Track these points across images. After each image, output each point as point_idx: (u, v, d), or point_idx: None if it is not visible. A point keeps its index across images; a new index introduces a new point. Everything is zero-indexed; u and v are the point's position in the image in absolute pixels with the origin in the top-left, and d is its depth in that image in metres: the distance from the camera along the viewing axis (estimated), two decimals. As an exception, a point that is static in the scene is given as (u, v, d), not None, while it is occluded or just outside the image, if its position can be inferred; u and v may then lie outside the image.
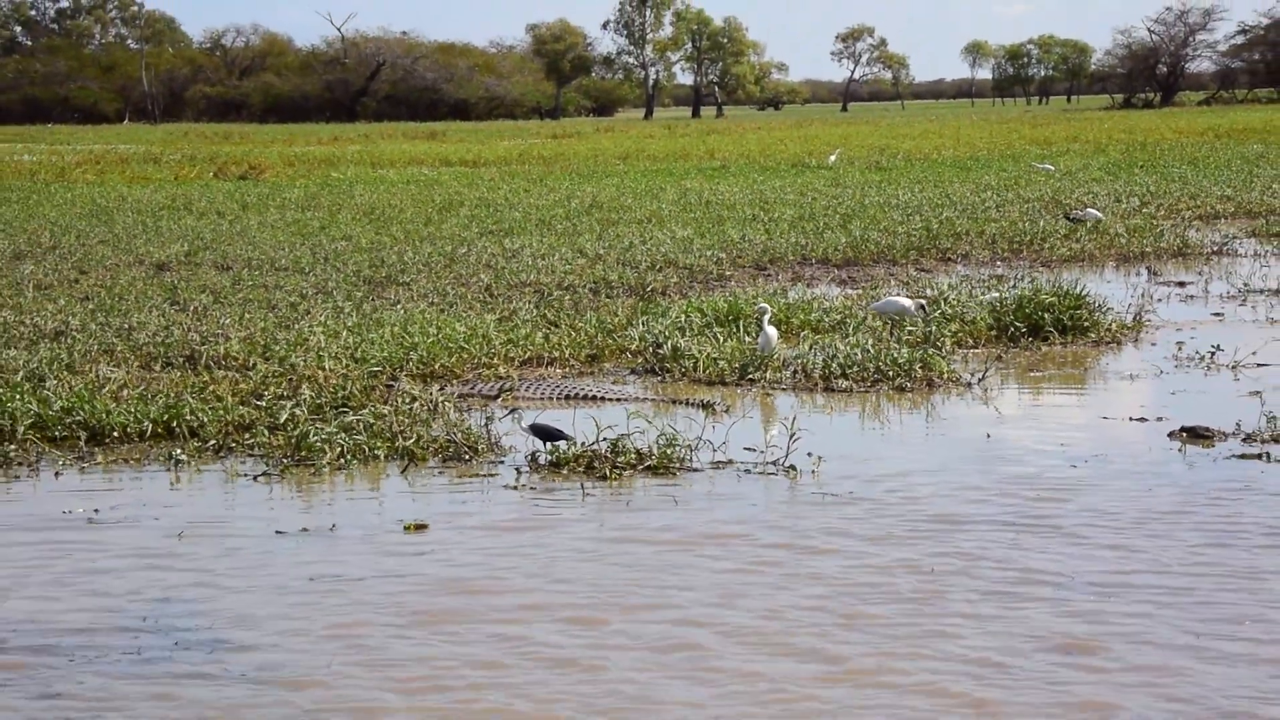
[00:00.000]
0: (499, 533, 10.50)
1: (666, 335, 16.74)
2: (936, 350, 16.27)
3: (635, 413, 13.27)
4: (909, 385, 15.10)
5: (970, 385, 15.22)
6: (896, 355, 15.59)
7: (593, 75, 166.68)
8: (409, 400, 13.84)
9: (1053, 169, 42.58)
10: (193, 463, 12.45)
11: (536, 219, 30.90)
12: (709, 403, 14.46)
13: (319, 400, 13.71)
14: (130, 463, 12.56)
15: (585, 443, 12.30)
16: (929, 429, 13.69)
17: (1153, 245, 25.82)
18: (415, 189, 40.71)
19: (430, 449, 12.53)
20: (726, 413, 14.09)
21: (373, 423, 12.95)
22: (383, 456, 12.42)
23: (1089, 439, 12.95)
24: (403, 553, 10.04)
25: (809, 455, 12.15)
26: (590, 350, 16.71)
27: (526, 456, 12.43)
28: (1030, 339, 17.37)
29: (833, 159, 50.90)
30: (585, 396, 14.75)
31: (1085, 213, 28.96)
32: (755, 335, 16.27)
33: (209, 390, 14.22)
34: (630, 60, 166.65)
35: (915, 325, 17.33)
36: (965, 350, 16.97)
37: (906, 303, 17.63)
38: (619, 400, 14.65)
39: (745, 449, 12.54)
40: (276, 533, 10.52)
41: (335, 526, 10.62)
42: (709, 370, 15.71)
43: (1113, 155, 50.23)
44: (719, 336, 16.93)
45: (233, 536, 10.44)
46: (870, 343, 16.31)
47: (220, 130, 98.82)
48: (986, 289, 20.04)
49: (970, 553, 9.76)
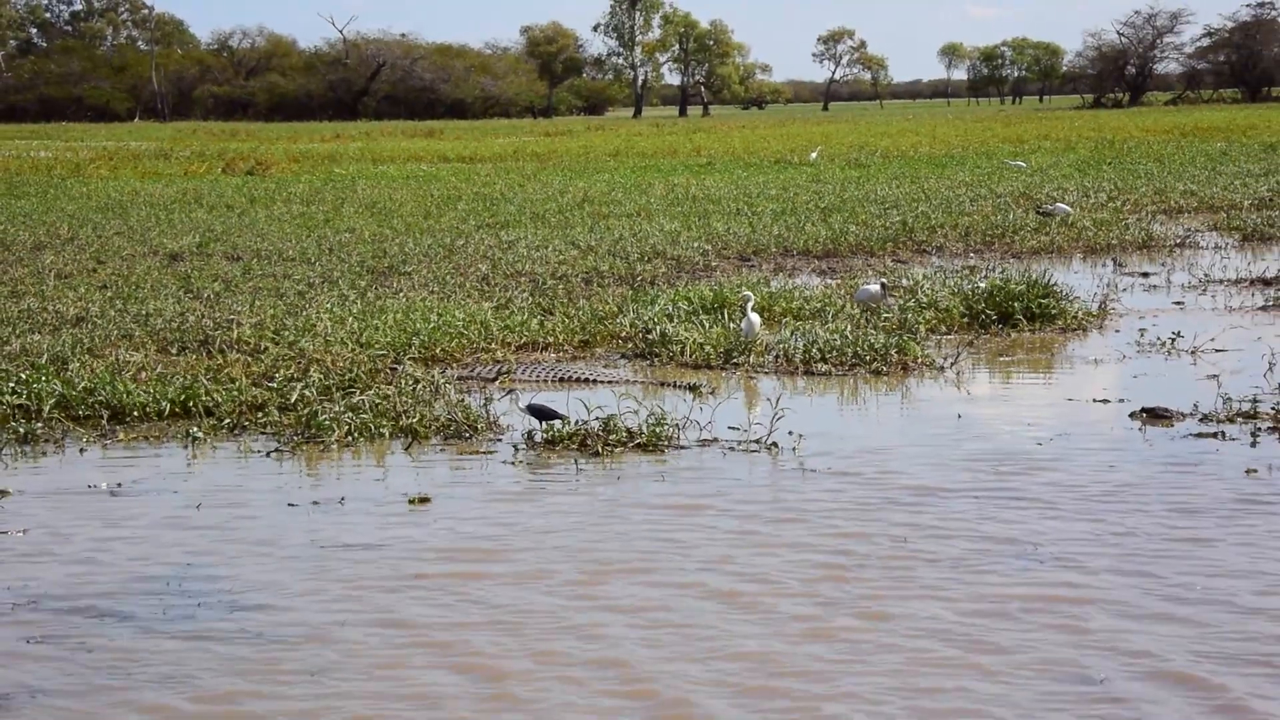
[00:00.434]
0: (498, 504, 10.72)
1: (655, 322, 16.94)
2: (911, 336, 16.49)
3: (625, 394, 13.50)
4: (885, 369, 15.30)
5: (943, 369, 15.43)
6: (873, 341, 15.81)
7: (584, 75, 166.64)
8: (412, 382, 14.03)
9: (1024, 166, 42.69)
10: (209, 440, 12.65)
11: (531, 213, 31.00)
12: (695, 385, 14.65)
13: (327, 382, 13.92)
14: (150, 440, 12.75)
15: (579, 422, 12.51)
16: (904, 410, 13.89)
17: (1118, 238, 26.00)
18: (415, 184, 40.76)
19: (432, 427, 12.72)
20: (712, 394, 14.26)
21: (378, 403, 13.14)
22: (388, 434, 12.61)
23: (1054, 419, 13.16)
24: (407, 523, 10.25)
25: (790, 434, 12.36)
26: (583, 336, 16.88)
27: (523, 434, 12.63)
28: (1001, 326, 17.57)
29: (814, 156, 50.99)
30: (578, 379, 14.94)
31: (1055, 207, 29.18)
32: (739, 322, 16.47)
33: (223, 372, 14.43)
34: (620, 61, 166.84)
35: (890, 310, 17.57)
36: (939, 336, 17.16)
37: (875, 288, 17.92)
38: (610, 383, 14.83)
39: (730, 428, 12.73)
40: (289, 505, 10.72)
41: (344, 499, 10.82)
42: (695, 355, 15.89)
43: (1082, 153, 50.33)
44: (705, 323, 17.11)
45: (248, 508, 10.64)
46: (848, 329, 16.53)
47: (227, 128, 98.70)
48: (959, 279, 20.20)
49: (940, 521, 9.99)
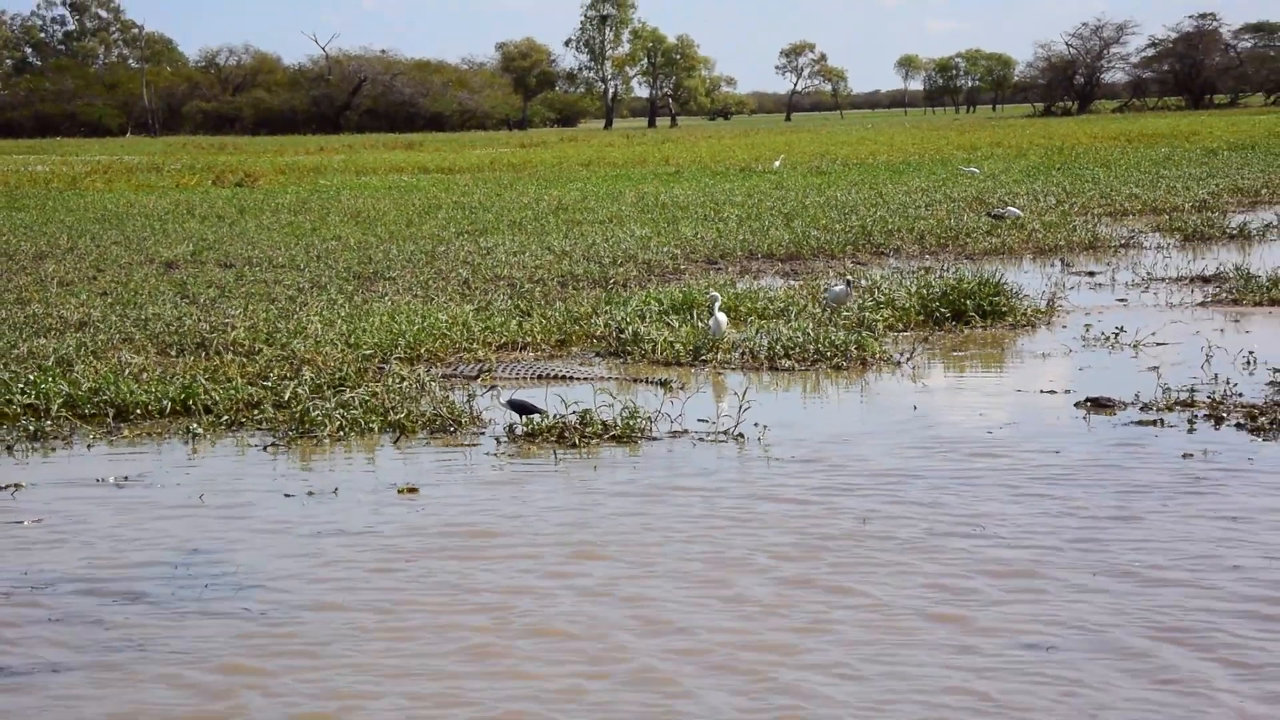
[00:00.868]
0: (482, 490, 10.93)
1: (628, 322, 17.15)
2: (870, 333, 16.75)
3: (601, 390, 13.73)
4: (845, 364, 15.52)
5: (900, 364, 15.66)
6: (834, 338, 16.05)
7: (557, 89, 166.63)
8: (399, 380, 14.21)
9: (978, 171, 42.96)
10: (208, 436, 12.81)
11: (508, 220, 31.14)
12: (666, 381, 14.85)
13: (318, 381, 14.09)
14: (153, 436, 12.91)
15: (557, 416, 12.72)
16: (862, 402, 14.13)
17: (1066, 239, 26.26)
18: (396, 194, 40.83)
19: (419, 422, 12.89)
20: (682, 389, 14.45)
21: (367, 400, 13.32)
22: (377, 429, 12.79)
23: (1004, 409, 13.41)
24: (398, 509, 10.46)
25: (756, 425, 12.58)
26: (559, 336, 17.06)
27: (505, 428, 12.84)
28: (954, 323, 17.82)
29: (777, 164, 51.23)
30: (556, 376, 15.13)
31: (1006, 210, 29.49)
32: (707, 321, 16.68)
33: (220, 372, 14.60)
34: (591, 75, 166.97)
35: (849, 309, 17.84)
36: (896, 333, 17.41)
37: (842, 288, 18.20)
38: (586, 379, 15.03)
39: (699, 420, 12.95)
40: (285, 495, 10.91)
41: (337, 490, 11.01)
42: (666, 352, 16.08)
43: (1032, 159, 50.65)
44: (675, 323, 17.32)
45: (247, 499, 10.83)
46: (810, 327, 16.77)
47: (216, 142, 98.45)
48: (915, 279, 20.42)
49: (896, 504, 10.23)
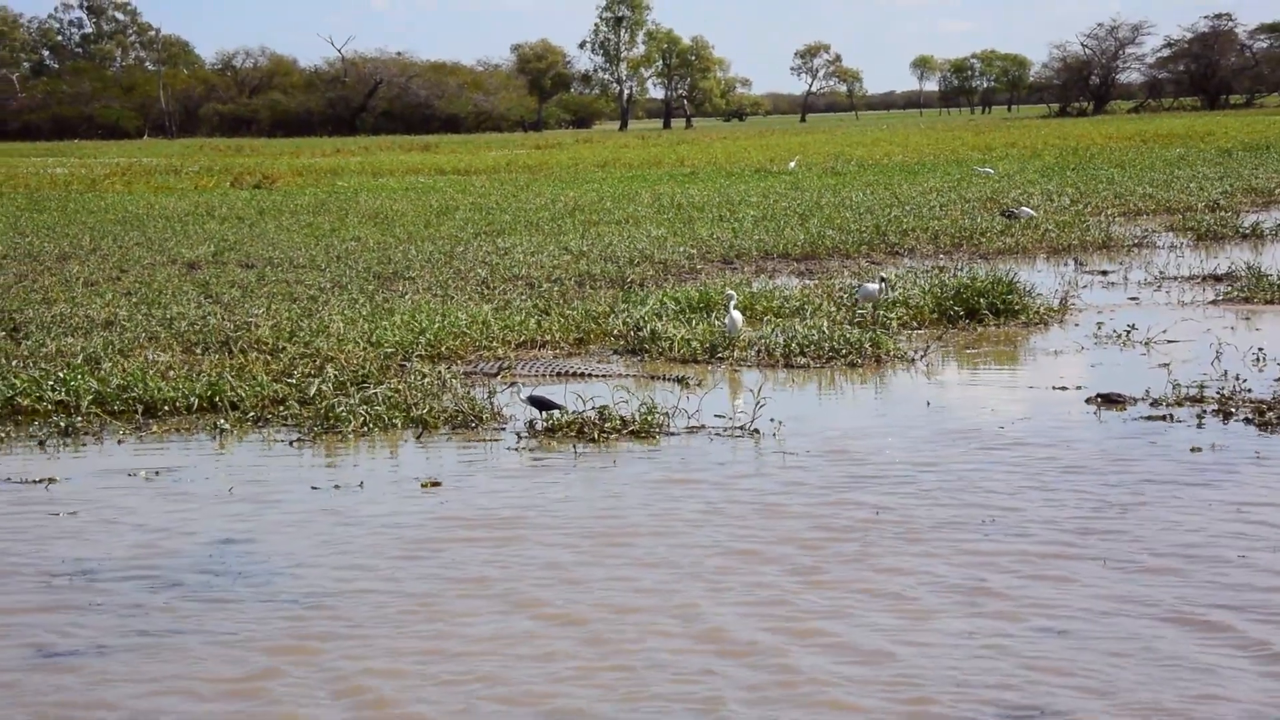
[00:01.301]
0: (504, 482, 11.18)
1: (645, 320, 17.37)
2: (884, 331, 16.97)
3: (618, 387, 13.96)
4: (860, 361, 15.73)
5: (914, 361, 15.87)
6: (849, 335, 16.26)
7: (572, 91, 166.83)
8: (420, 377, 14.46)
9: (992, 172, 43.08)
10: (235, 431, 13.08)
11: (525, 221, 31.36)
12: (683, 378, 15.07)
13: (342, 378, 14.34)
14: (181, 432, 13.18)
15: (576, 412, 12.95)
16: (876, 399, 14.34)
17: (1079, 239, 26.44)
18: (414, 195, 41.05)
19: (441, 418, 13.13)
20: (699, 386, 14.66)
21: (390, 396, 13.57)
22: (400, 425, 13.04)
23: (1017, 405, 13.62)
24: (422, 501, 10.71)
25: (771, 421, 12.80)
26: (578, 334, 17.28)
27: (525, 424, 13.08)
28: (968, 321, 18.03)
29: (792, 165, 51.38)
30: (574, 374, 15.35)
31: (1020, 210, 29.65)
32: (723, 319, 16.89)
33: (245, 370, 14.85)
34: (606, 77, 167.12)
35: (866, 308, 18.04)
36: (910, 331, 17.61)
37: (873, 286, 18.43)
38: (604, 376, 15.24)
39: (716, 416, 13.16)
40: (312, 488, 11.16)
41: (363, 483, 11.26)
42: (683, 350, 16.29)
43: (1047, 159, 50.73)
44: (691, 321, 17.55)
45: (275, 492, 11.08)
46: (825, 325, 16.97)
47: (232, 144, 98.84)
48: (930, 278, 20.60)
49: (910, 496, 10.45)
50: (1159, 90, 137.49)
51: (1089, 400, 13.63)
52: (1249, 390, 13.56)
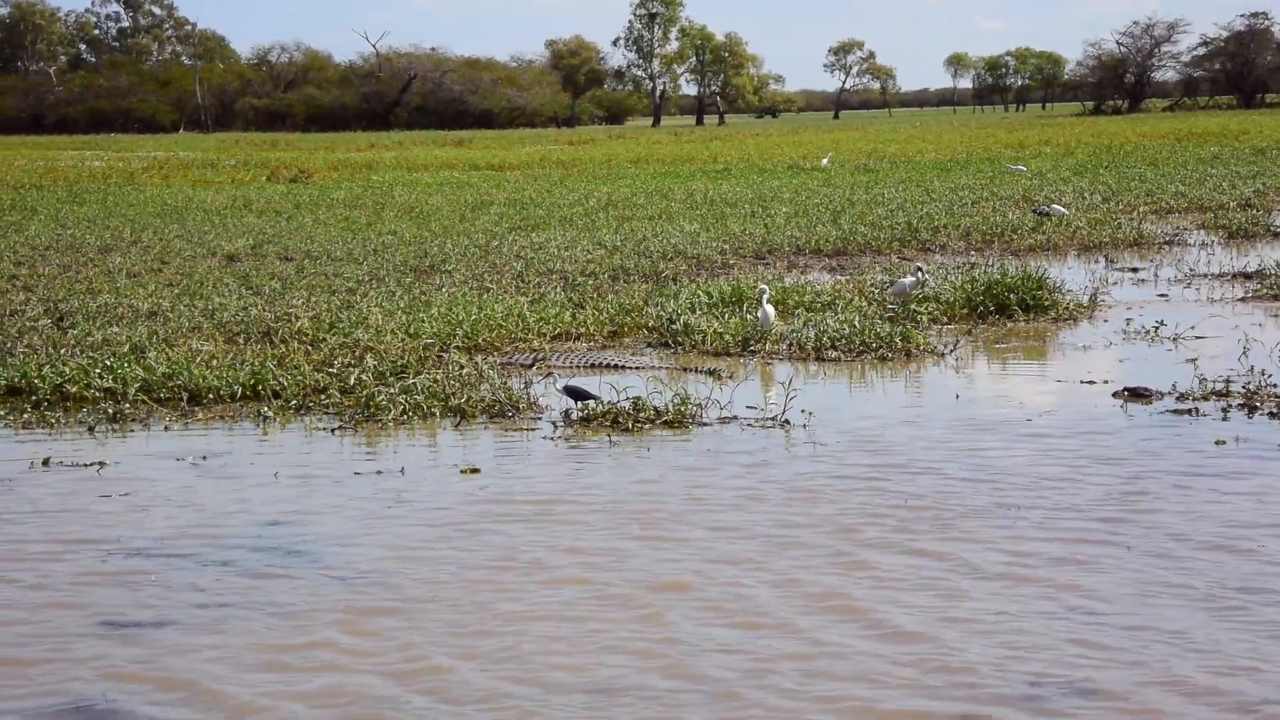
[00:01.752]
0: (541, 469, 11.49)
1: (678, 314, 17.62)
2: (914, 325, 17.20)
3: (652, 378, 14.25)
4: (890, 355, 15.96)
5: (943, 355, 16.10)
6: (879, 329, 16.49)
7: (605, 87, 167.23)
8: (458, 368, 14.77)
9: (1024, 170, 43.14)
10: (278, 419, 13.40)
11: (559, 216, 31.62)
12: (714, 370, 15.32)
13: (381, 368, 14.65)
14: (225, 419, 13.51)
15: (610, 402, 13.23)
16: (906, 391, 14.58)
17: (1111, 236, 26.59)
18: (448, 190, 41.37)
19: (478, 408, 13.42)
20: (730, 378, 14.93)
21: (429, 386, 13.88)
22: (438, 414, 13.33)
23: (1044, 398, 13.84)
24: (463, 485, 11.03)
25: (802, 412, 13.06)
26: (611, 327, 17.56)
27: (561, 413, 13.37)
28: (997, 316, 18.24)
29: (825, 162, 51.52)
30: (608, 365, 15.62)
31: (1051, 208, 29.79)
32: (755, 313, 17.15)
33: (287, 360, 15.18)
34: (639, 73, 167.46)
35: (898, 301, 18.28)
36: (940, 326, 17.83)
37: (909, 279, 18.71)
38: (637, 368, 15.50)
39: (748, 407, 13.44)
40: (354, 474, 11.48)
41: (404, 469, 11.57)
42: (715, 343, 16.55)
43: (1080, 157, 50.75)
44: (724, 315, 17.81)
45: (318, 477, 11.40)
46: (856, 319, 17.21)
47: (268, 138, 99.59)
48: (961, 274, 20.80)
49: (937, 489, 10.69)
50: (1194, 89, 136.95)
51: (1116, 394, 13.84)
52: (1275, 385, 13.74)
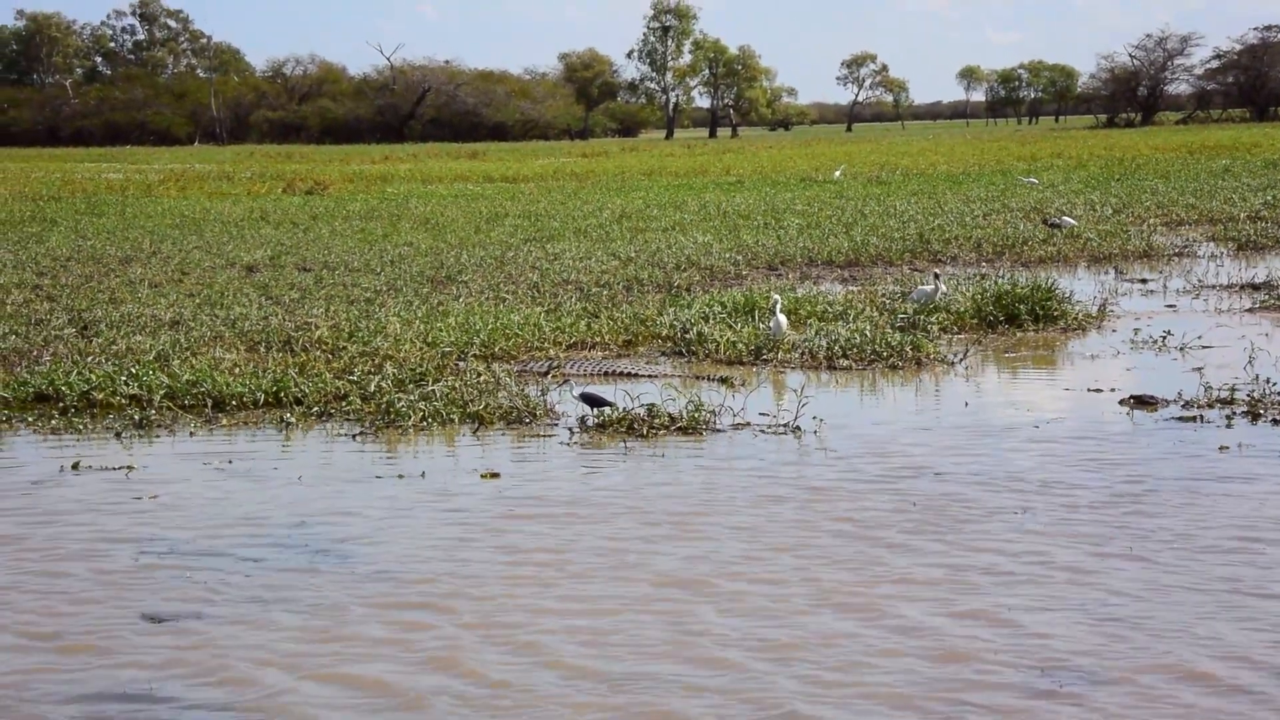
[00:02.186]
0: (559, 473, 11.79)
1: (692, 323, 17.90)
2: (925, 335, 17.46)
3: (665, 385, 14.52)
4: (900, 364, 16.21)
5: (953, 364, 16.34)
6: (890, 339, 16.75)
7: (618, 99, 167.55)
8: (476, 375, 15.05)
9: (1036, 182, 43.29)
10: (300, 425, 13.69)
11: (573, 227, 31.90)
12: (726, 378, 15.57)
13: (400, 376, 14.93)
14: (248, 425, 13.80)
15: (626, 409, 13.50)
16: (916, 399, 14.81)
17: (1120, 248, 26.80)
18: (463, 202, 41.67)
19: (496, 414, 13.69)
20: (743, 386, 15.19)
21: (447, 393, 14.17)
22: (457, 420, 13.60)
23: (1052, 405, 14.09)
24: (482, 488, 11.32)
25: (813, 419, 13.34)
26: (626, 336, 17.81)
27: (577, 419, 13.64)
28: (1007, 326, 18.49)
29: (838, 174, 51.73)
30: (622, 373, 15.88)
31: (1062, 220, 29.99)
32: (768, 322, 17.40)
33: (308, 367, 15.49)
34: (653, 85, 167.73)
35: (908, 311, 18.53)
36: (950, 335, 18.08)
37: (928, 288, 19.03)
38: (652, 376, 15.76)
39: (760, 414, 13.71)
40: (376, 478, 11.78)
41: (424, 473, 11.86)
42: (729, 352, 16.82)
43: (1092, 170, 50.90)
44: (737, 324, 18.07)
45: (341, 480, 11.68)
46: (868, 329, 17.46)
47: (282, 151, 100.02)
48: (971, 285, 21.04)
49: (946, 491, 10.96)
50: (1207, 102, 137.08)
51: (1122, 401, 14.08)
52: (1279, 393, 13.98)
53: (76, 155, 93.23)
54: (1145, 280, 23.24)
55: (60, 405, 14.36)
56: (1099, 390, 14.72)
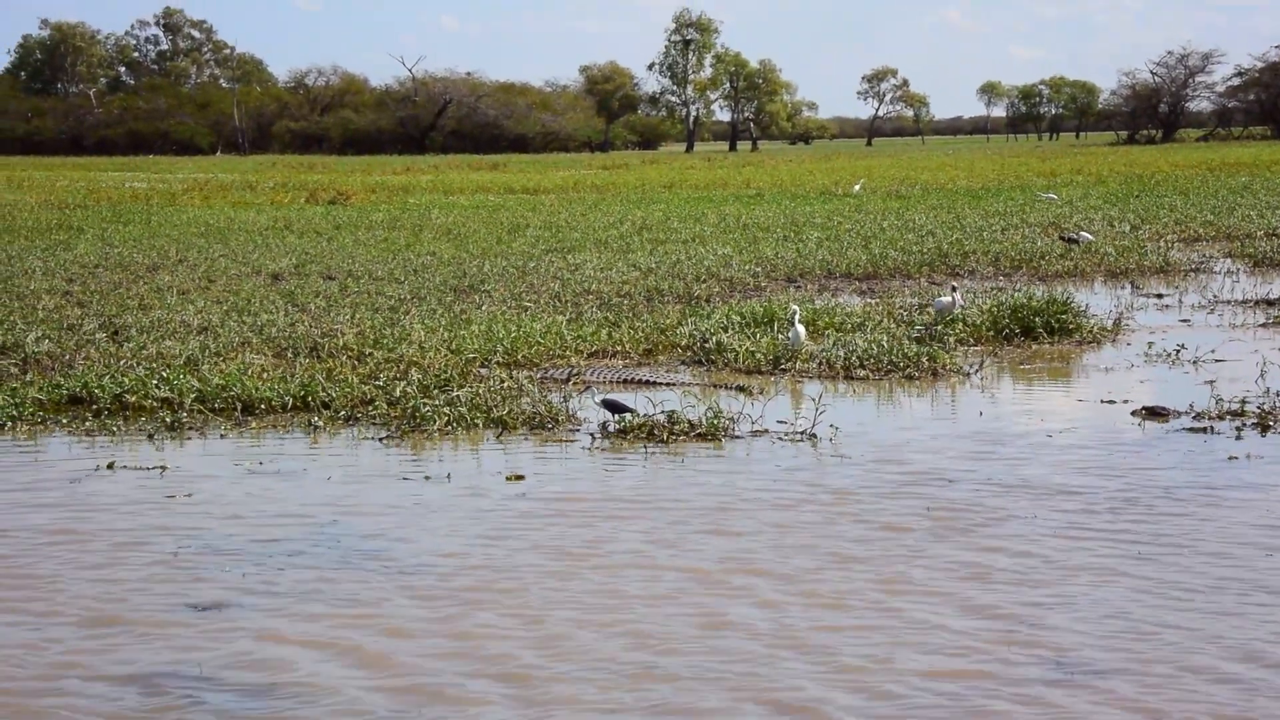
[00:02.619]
0: (582, 476, 12.11)
1: (711, 333, 18.17)
2: (941, 346, 17.71)
3: (685, 393, 14.82)
4: (917, 374, 16.47)
5: (969, 375, 16.59)
6: (907, 350, 17.01)
7: (639, 112, 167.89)
8: (499, 382, 15.36)
9: (1056, 198, 43.44)
10: (327, 428, 14.01)
11: (594, 239, 32.18)
12: (744, 386, 15.86)
13: (425, 381, 15.25)
14: (277, 428, 14.13)
15: (646, 415, 13.80)
16: (932, 409, 15.06)
17: (1137, 263, 26.99)
18: (484, 213, 41.96)
19: (519, 420, 13.99)
20: (761, 394, 15.44)
21: (471, 398, 14.47)
22: (481, 425, 13.90)
23: (1065, 416, 14.35)
24: (508, 489, 11.65)
25: (830, 427, 13.61)
26: (646, 345, 18.11)
27: (598, 425, 13.94)
28: (1023, 338, 18.73)
29: (857, 188, 51.96)
30: (643, 381, 16.18)
31: (1080, 235, 30.18)
32: (787, 332, 17.65)
33: (334, 373, 15.82)
34: (673, 99, 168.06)
35: (924, 322, 18.80)
36: (966, 347, 18.32)
37: (947, 300, 19.32)
38: (671, 384, 16.05)
39: (778, 422, 14.00)
40: (403, 478, 12.09)
41: (450, 476, 12.17)
42: (748, 361, 17.08)
43: (1111, 186, 51.05)
44: (755, 335, 18.34)
45: (369, 482, 12.00)
46: (885, 340, 17.72)
47: (304, 161, 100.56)
48: (988, 298, 21.28)
49: (959, 498, 11.23)
50: (1228, 119, 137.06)
51: (1134, 413, 14.33)
52: (1289, 406, 14.23)
53: (100, 164, 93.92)
54: (1161, 295, 23.44)
55: (94, 408, 14.69)
56: (1112, 401, 14.95)
